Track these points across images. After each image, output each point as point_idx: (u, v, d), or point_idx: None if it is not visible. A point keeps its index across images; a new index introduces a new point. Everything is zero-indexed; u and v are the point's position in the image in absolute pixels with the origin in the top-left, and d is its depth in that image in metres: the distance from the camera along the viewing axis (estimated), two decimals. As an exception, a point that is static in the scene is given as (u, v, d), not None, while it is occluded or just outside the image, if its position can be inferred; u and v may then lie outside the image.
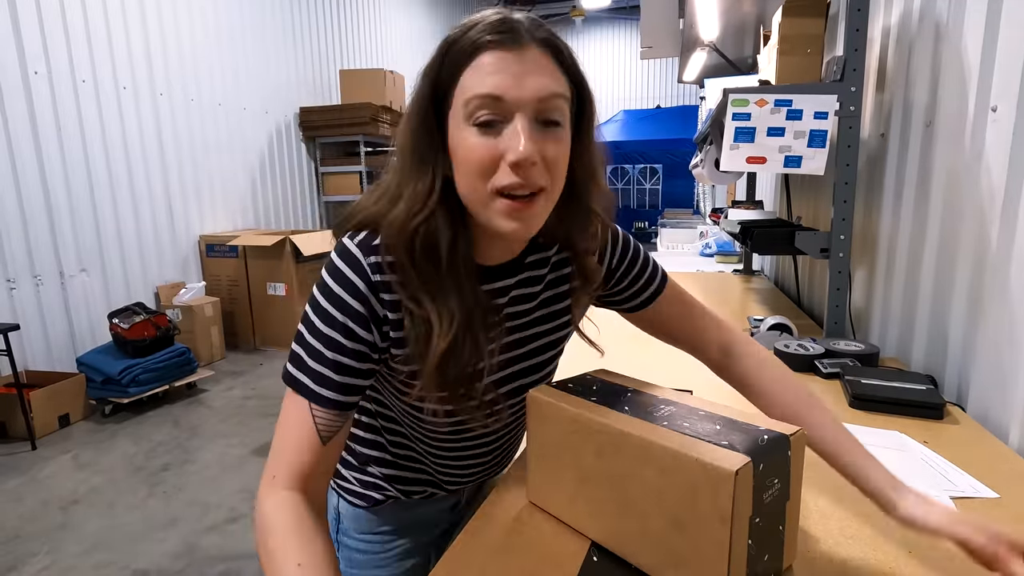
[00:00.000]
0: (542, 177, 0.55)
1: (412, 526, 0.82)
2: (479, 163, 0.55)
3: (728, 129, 1.30)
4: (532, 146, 0.53)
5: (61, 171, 3.35)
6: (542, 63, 0.55)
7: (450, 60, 0.56)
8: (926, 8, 1.26)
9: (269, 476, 0.59)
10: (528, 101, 0.54)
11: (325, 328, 0.59)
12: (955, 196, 1.12)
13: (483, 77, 0.54)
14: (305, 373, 0.59)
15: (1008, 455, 0.85)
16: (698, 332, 0.79)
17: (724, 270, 2.88)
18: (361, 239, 0.61)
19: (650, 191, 10.41)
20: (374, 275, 0.59)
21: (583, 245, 0.69)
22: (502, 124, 0.55)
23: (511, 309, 0.69)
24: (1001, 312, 0.97)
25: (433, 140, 0.58)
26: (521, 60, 0.54)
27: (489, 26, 0.55)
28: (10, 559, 1.97)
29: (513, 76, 0.54)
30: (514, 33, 0.54)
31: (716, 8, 2.43)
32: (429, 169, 0.58)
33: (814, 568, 0.60)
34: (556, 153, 0.56)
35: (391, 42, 7.47)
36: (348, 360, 0.59)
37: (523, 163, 0.53)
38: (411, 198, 0.58)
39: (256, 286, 4.37)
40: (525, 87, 0.54)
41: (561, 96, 0.56)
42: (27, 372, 3.10)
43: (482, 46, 0.54)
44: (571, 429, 0.61)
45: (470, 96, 0.54)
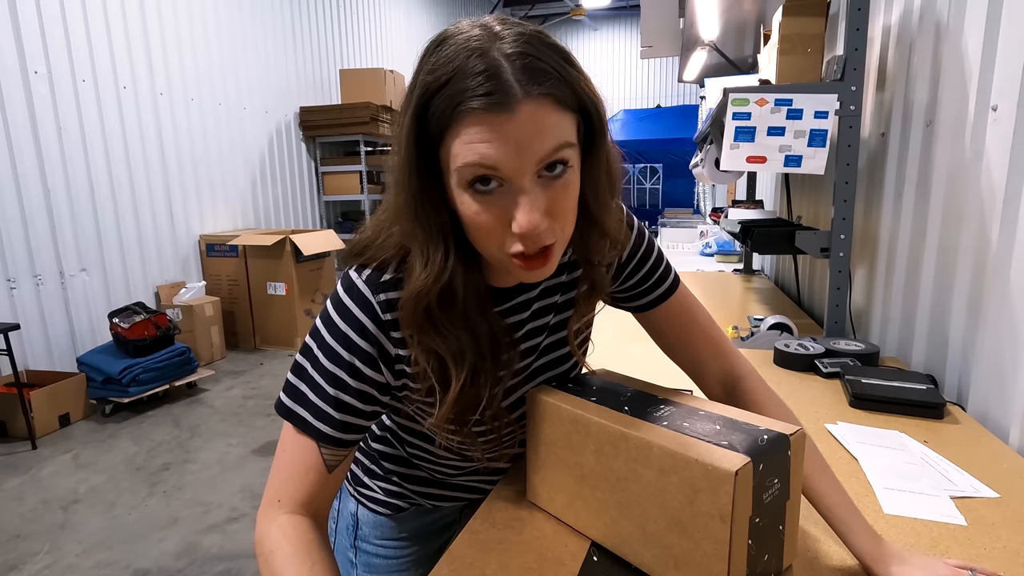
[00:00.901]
0: (549, 235, 0.52)
1: (429, 531, 0.82)
2: (486, 232, 0.51)
3: (728, 128, 1.30)
4: (537, 216, 0.49)
5: (61, 171, 3.35)
6: (538, 119, 0.47)
7: (433, 115, 0.49)
8: (926, 7, 1.26)
9: (273, 499, 0.58)
10: (526, 167, 0.48)
11: (330, 365, 0.57)
12: (955, 195, 1.12)
13: (472, 145, 0.47)
14: (305, 407, 0.58)
15: (1008, 455, 0.85)
16: (699, 357, 0.74)
17: (724, 270, 2.88)
18: (369, 274, 0.58)
19: (650, 191, 10.41)
20: (384, 314, 0.57)
21: (597, 258, 0.65)
22: (500, 188, 0.50)
23: (533, 324, 0.67)
24: (1001, 311, 0.97)
25: (434, 203, 0.53)
26: (515, 123, 0.47)
27: (473, 84, 0.46)
28: (11, 558, 1.97)
29: (507, 143, 0.47)
30: (502, 93, 0.46)
31: (716, 7, 2.43)
32: (439, 235, 0.54)
33: (814, 568, 0.60)
34: (564, 202, 0.52)
35: (391, 42, 7.47)
36: (350, 399, 0.58)
37: (528, 234, 0.50)
38: (426, 269, 0.54)
39: (256, 286, 4.37)
40: (522, 153, 0.48)
41: (564, 145, 0.50)
42: (27, 372, 3.10)
43: (466, 112, 0.47)
44: (571, 429, 0.61)
45: (461, 165, 0.49)
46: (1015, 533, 0.66)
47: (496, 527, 0.66)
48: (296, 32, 5.53)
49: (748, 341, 1.47)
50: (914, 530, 0.67)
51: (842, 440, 0.89)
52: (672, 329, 0.74)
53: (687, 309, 0.74)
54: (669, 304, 0.73)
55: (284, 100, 5.34)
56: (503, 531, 0.66)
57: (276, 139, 5.24)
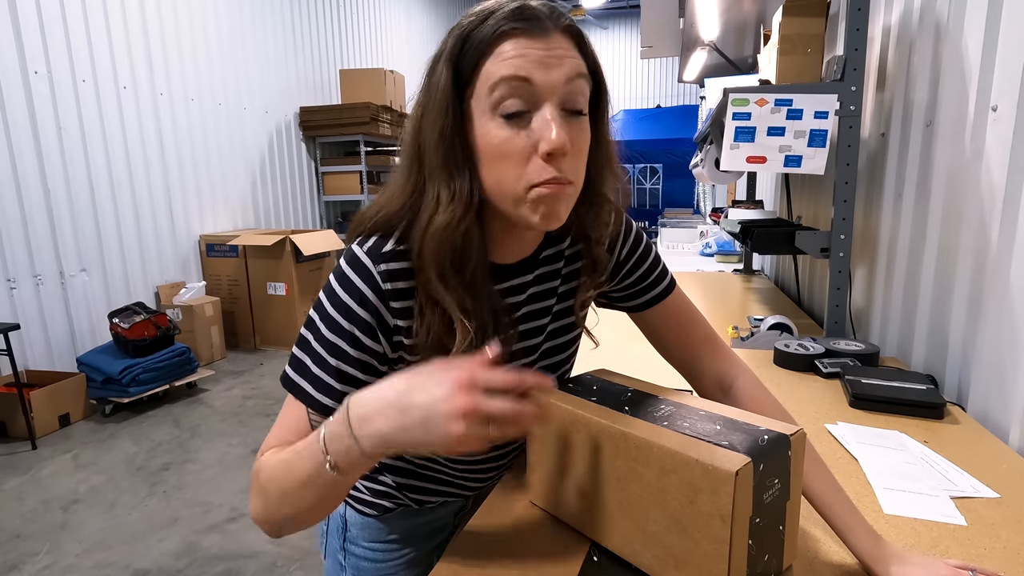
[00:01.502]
0: (570, 170, 0.54)
1: (420, 533, 0.82)
2: (509, 157, 0.53)
3: (728, 128, 1.30)
4: (565, 134, 0.52)
5: (61, 171, 3.35)
6: (566, 47, 0.54)
7: (470, 48, 0.53)
8: (926, 7, 1.26)
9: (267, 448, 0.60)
10: (557, 86, 0.52)
11: (331, 335, 0.58)
12: (955, 196, 1.12)
13: (508, 60, 0.52)
14: (307, 379, 0.59)
15: (1008, 455, 0.85)
16: (695, 357, 0.75)
17: (724, 270, 2.88)
18: (371, 245, 0.59)
19: (650, 191, 10.40)
20: (385, 283, 0.58)
21: (596, 234, 0.67)
22: (529, 114, 0.53)
23: (529, 308, 0.68)
24: (1001, 312, 0.97)
25: (463, 135, 0.55)
26: (547, 46, 0.53)
27: (509, 13, 0.53)
28: (11, 558, 1.97)
29: (540, 60, 0.52)
30: (537, 20, 0.53)
31: (716, 8, 2.43)
32: (465, 168, 0.55)
33: (814, 568, 0.60)
34: (581, 142, 0.55)
35: (391, 42, 7.47)
36: (351, 369, 0.58)
37: (556, 152, 0.52)
38: (452, 201, 0.55)
39: (256, 286, 4.37)
40: (553, 71, 0.52)
41: (585, 76, 0.55)
42: (27, 372, 3.10)
43: (505, 33, 0.52)
44: (571, 429, 0.61)
45: (496, 80, 0.52)
46: (1015, 533, 0.66)
47: (496, 527, 0.66)
48: (296, 32, 5.53)
49: (748, 341, 1.47)
50: (914, 530, 0.67)
51: (842, 440, 0.89)
52: (669, 329, 0.76)
53: (683, 310, 0.76)
54: (666, 304, 0.75)
55: (284, 100, 5.34)
56: (503, 531, 0.66)
57: (276, 139, 5.24)
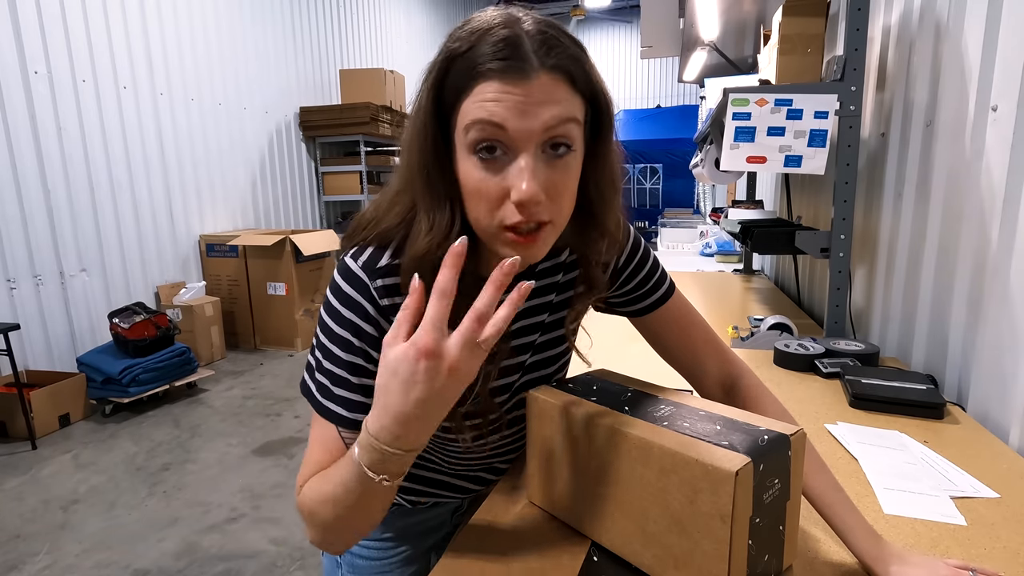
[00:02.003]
0: (546, 212, 0.52)
1: (415, 532, 0.82)
2: (483, 198, 0.52)
3: (728, 128, 1.30)
4: (536, 185, 0.50)
5: (61, 171, 3.35)
6: (551, 91, 0.50)
7: (452, 77, 0.52)
8: (926, 7, 1.26)
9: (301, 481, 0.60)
10: (534, 133, 0.50)
11: (347, 356, 0.59)
12: (955, 195, 1.12)
13: (484, 103, 0.49)
14: (335, 402, 0.59)
15: (1008, 455, 0.85)
16: (697, 359, 0.75)
17: (724, 270, 2.88)
18: (366, 259, 0.59)
19: (650, 191, 10.40)
20: (382, 299, 0.58)
21: (594, 256, 0.66)
22: (505, 156, 0.51)
23: (525, 322, 0.68)
24: (1001, 312, 0.97)
25: (443, 163, 0.55)
26: (527, 90, 0.49)
27: (492, 49, 0.49)
28: (11, 559, 1.97)
29: (517, 106, 0.49)
30: (520, 60, 0.49)
31: (716, 8, 2.43)
32: (445, 199, 0.55)
33: (814, 568, 0.60)
34: (563, 183, 0.53)
35: (391, 42, 7.47)
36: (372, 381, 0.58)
37: (527, 204, 0.50)
38: (431, 232, 0.55)
39: (256, 286, 4.37)
40: (529, 118, 0.49)
41: (571, 120, 0.51)
42: (27, 372, 3.10)
43: (483, 74, 0.49)
44: (571, 429, 0.61)
45: (470, 121, 0.50)
46: (1015, 533, 0.66)
47: (496, 527, 0.66)
48: (296, 32, 5.53)
49: (748, 341, 1.47)
50: (914, 530, 0.67)
51: (842, 440, 0.89)
52: (670, 333, 0.76)
53: (684, 313, 0.76)
54: (666, 308, 0.75)
55: (284, 100, 5.34)
56: (503, 531, 0.66)
57: (276, 139, 5.24)
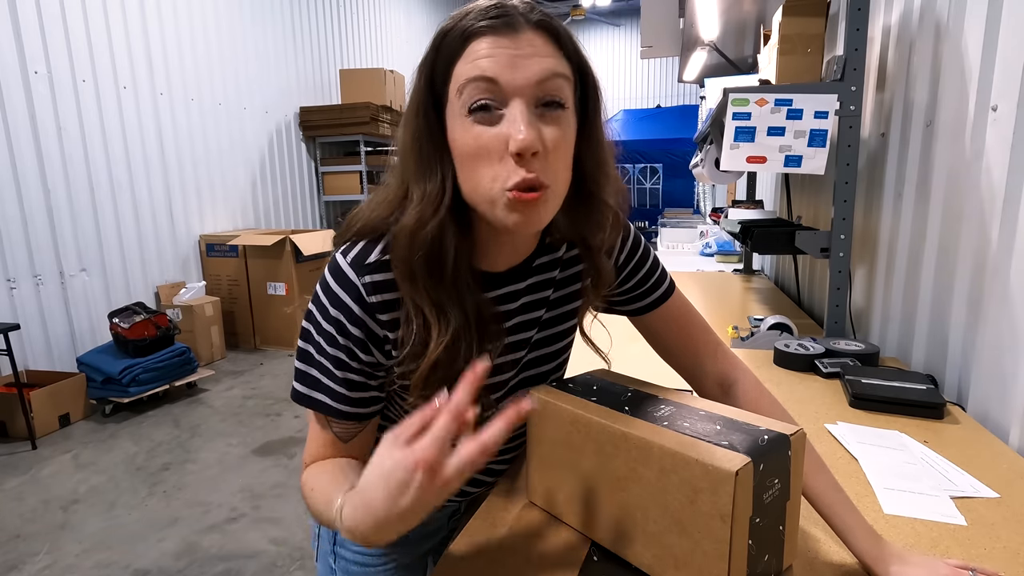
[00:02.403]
0: (544, 174, 0.51)
1: (412, 537, 0.80)
2: (480, 156, 0.52)
3: (728, 128, 1.30)
4: (533, 132, 0.50)
5: (61, 171, 3.35)
6: (539, 45, 0.52)
7: (444, 51, 0.53)
8: (926, 7, 1.26)
9: (307, 463, 0.63)
10: (525, 85, 0.51)
11: (331, 349, 0.59)
12: (955, 195, 1.12)
13: (476, 62, 0.51)
14: (321, 391, 0.60)
15: (1008, 455, 0.85)
16: (696, 359, 0.75)
17: (724, 270, 2.88)
18: (355, 256, 0.58)
19: (650, 191, 10.39)
20: (370, 296, 0.58)
21: (597, 241, 0.65)
22: (499, 111, 0.51)
23: (522, 317, 0.67)
24: (1001, 312, 0.97)
25: (436, 137, 0.55)
26: (516, 43, 0.51)
27: (481, 12, 0.52)
28: (11, 559, 1.97)
29: (508, 59, 0.50)
30: (507, 17, 0.51)
31: (716, 8, 2.43)
32: (437, 169, 0.55)
33: (814, 568, 0.60)
34: (559, 139, 0.52)
35: (391, 42, 7.47)
36: (358, 377, 0.60)
37: (524, 152, 0.50)
38: (422, 202, 0.55)
39: (256, 286, 4.37)
40: (520, 69, 0.50)
41: (561, 75, 0.52)
42: (27, 372, 3.10)
43: (474, 33, 0.51)
44: (571, 429, 0.61)
45: (463, 81, 0.51)
46: (1015, 533, 0.66)
47: (496, 527, 0.66)
48: (296, 32, 5.53)
49: (748, 341, 1.47)
50: (914, 530, 0.67)
51: (842, 440, 0.89)
52: (670, 332, 0.75)
53: (684, 312, 0.75)
54: (666, 307, 0.74)
55: (284, 100, 5.33)
56: (503, 531, 0.66)
57: (276, 139, 5.23)
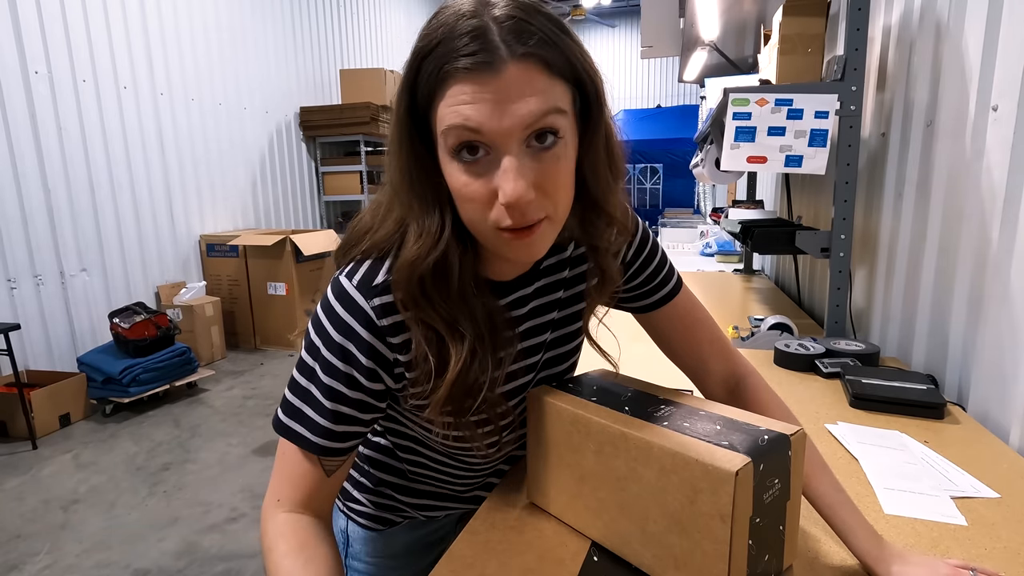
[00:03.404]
0: (540, 209, 0.49)
1: (423, 543, 0.80)
2: (472, 201, 0.49)
3: (729, 128, 1.30)
4: (523, 185, 0.47)
5: (61, 171, 3.35)
6: (525, 81, 0.46)
7: (423, 80, 0.48)
8: (927, 7, 1.26)
9: (273, 498, 0.58)
10: (511, 132, 0.46)
11: (327, 379, 0.56)
12: (956, 195, 1.12)
13: (457, 108, 0.46)
14: (302, 423, 0.57)
15: (1009, 455, 0.85)
16: (701, 358, 0.74)
17: (724, 269, 2.88)
18: (361, 278, 0.56)
19: (651, 191, 10.40)
20: (380, 320, 0.55)
21: (602, 243, 0.63)
22: (489, 156, 0.48)
23: (533, 321, 0.66)
24: (1002, 312, 0.96)
25: (428, 170, 0.52)
26: (499, 86, 0.45)
27: (459, 44, 0.46)
28: (11, 558, 1.97)
29: (491, 105, 0.45)
30: (488, 52, 0.45)
31: (716, 8, 2.43)
32: (434, 203, 0.53)
33: (814, 568, 0.59)
34: (555, 175, 0.49)
35: (391, 42, 7.48)
36: (348, 410, 0.57)
37: (515, 205, 0.47)
38: (420, 238, 0.53)
39: (257, 286, 4.37)
40: (506, 116, 0.46)
41: (552, 111, 0.47)
42: (28, 372, 3.10)
43: (451, 74, 0.46)
44: (571, 429, 0.61)
45: (446, 127, 0.47)
46: (1015, 533, 0.66)
47: (496, 527, 0.66)
48: (296, 32, 5.53)
49: (748, 341, 1.47)
50: (914, 530, 0.67)
51: (842, 440, 0.89)
52: (676, 330, 0.74)
53: (691, 310, 0.73)
54: (673, 304, 0.72)
55: (284, 100, 5.34)
56: (503, 531, 0.66)
57: (276, 139, 5.24)
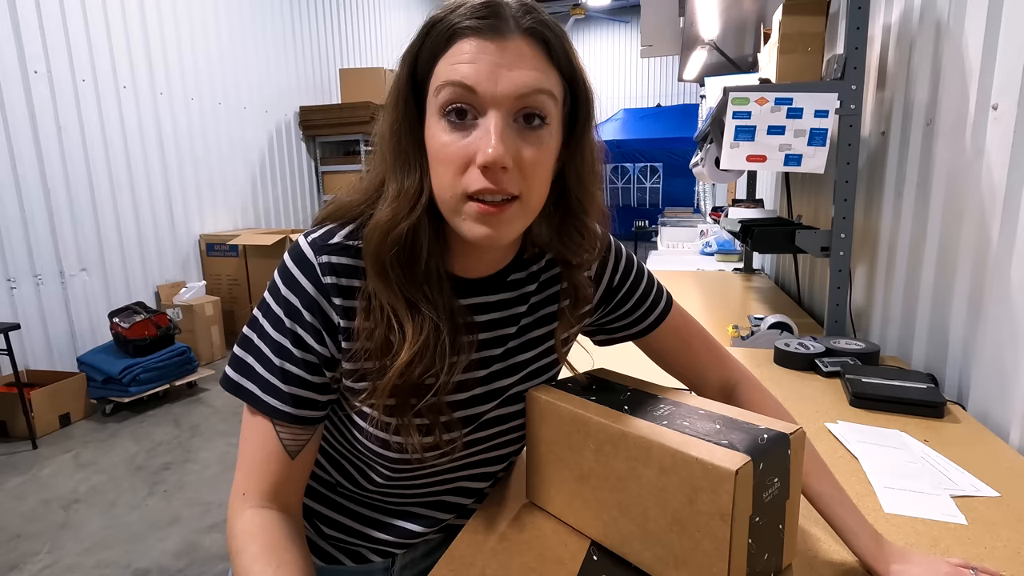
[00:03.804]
0: (514, 184, 0.49)
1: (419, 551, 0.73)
2: (448, 162, 0.49)
3: (728, 127, 1.30)
4: (503, 148, 0.47)
5: (61, 171, 3.35)
6: (526, 55, 0.49)
7: (429, 42, 0.51)
8: (927, 6, 1.25)
9: (239, 492, 0.56)
10: (504, 97, 0.48)
11: (275, 334, 0.55)
12: (956, 194, 1.12)
13: (456, 65, 0.48)
14: (252, 380, 0.56)
15: (1009, 454, 0.85)
16: (697, 370, 0.74)
17: (724, 269, 2.88)
18: (317, 236, 0.56)
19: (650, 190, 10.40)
20: (325, 277, 0.55)
21: (576, 259, 0.61)
22: (474, 119, 0.49)
23: (486, 334, 0.62)
24: (1002, 310, 0.96)
25: (414, 131, 0.53)
26: (502, 51, 0.48)
27: (471, 9, 0.49)
28: (11, 558, 1.97)
29: (490, 67, 0.48)
30: (497, 19, 0.48)
31: (716, 6, 2.43)
32: (415, 165, 0.53)
33: (814, 567, 0.59)
34: (535, 157, 0.50)
35: (391, 41, 7.47)
36: (296, 370, 0.55)
37: (491, 166, 0.48)
38: (397, 198, 0.53)
39: (256, 285, 4.36)
40: (502, 81, 0.48)
41: (545, 92, 0.50)
42: (28, 371, 3.10)
43: (460, 32, 0.49)
44: (571, 428, 0.61)
45: (441, 83, 0.49)
46: (1016, 532, 0.66)
47: (495, 527, 0.66)
48: (296, 32, 5.53)
49: (748, 340, 1.47)
50: (914, 529, 0.67)
51: (842, 439, 0.89)
52: (671, 348, 0.74)
53: (682, 325, 0.74)
54: (665, 325, 0.72)
55: (284, 100, 5.34)
56: (503, 531, 0.66)
57: (276, 139, 5.23)
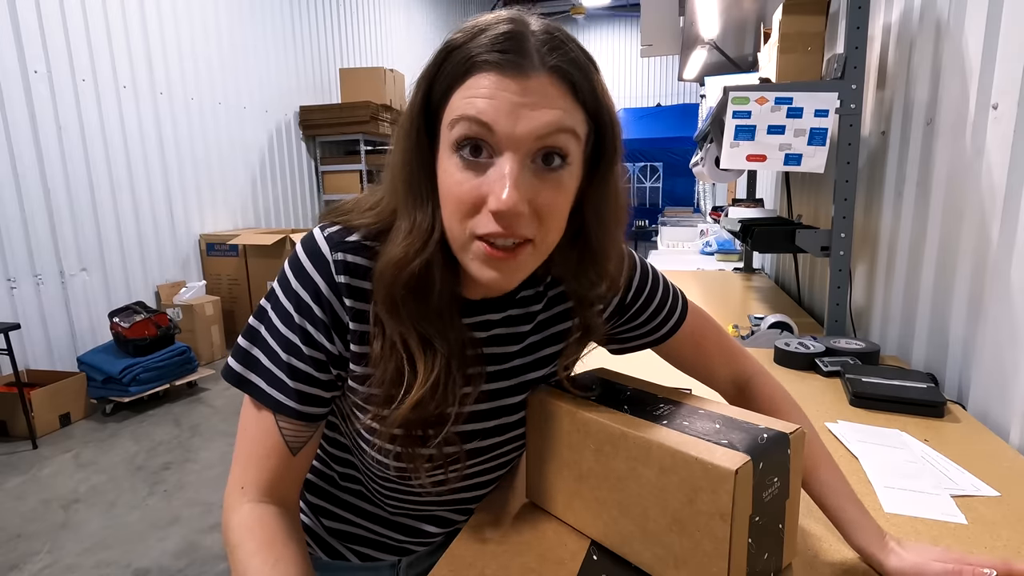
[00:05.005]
0: (529, 228, 0.47)
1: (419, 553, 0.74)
2: (459, 202, 0.47)
3: (728, 127, 1.30)
4: (517, 195, 0.44)
5: (61, 171, 3.35)
6: (550, 94, 0.45)
7: (446, 69, 0.47)
8: (927, 5, 1.25)
9: (236, 486, 0.55)
10: (523, 138, 0.45)
11: (283, 328, 0.54)
12: (956, 194, 1.12)
13: (473, 99, 0.45)
14: (257, 373, 0.55)
15: (1009, 453, 0.85)
16: (710, 369, 0.73)
17: (724, 268, 2.88)
18: (334, 231, 0.54)
19: (650, 189, 10.40)
20: (339, 275, 0.53)
21: (590, 296, 0.59)
22: (489, 159, 0.46)
23: (490, 350, 0.61)
24: (1002, 310, 0.96)
25: (427, 164, 0.50)
26: (523, 89, 0.44)
27: (492, 40, 0.45)
28: (11, 558, 1.98)
29: (510, 106, 0.44)
30: (520, 56, 0.45)
31: (716, 6, 2.43)
32: (427, 200, 0.51)
33: (814, 567, 0.59)
34: (552, 200, 0.47)
35: (391, 41, 7.47)
36: (305, 367, 0.54)
37: (505, 214, 0.45)
38: (410, 235, 0.51)
39: (256, 285, 4.37)
40: (521, 121, 0.44)
41: (567, 130, 0.46)
42: (28, 371, 3.10)
43: (479, 65, 0.45)
44: (570, 428, 0.61)
45: (456, 116, 0.46)
46: (1015, 532, 0.66)
47: (495, 527, 0.66)
48: (296, 32, 5.53)
49: (748, 340, 1.47)
50: (915, 529, 0.67)
51: (842, 439, 0.89)
52: (686, 352, 0.73)
53: (698, 327, 0.72)
54: (682, 331, 0.71)
55: (284, 99, 5.34)
56: (503, 531, 0.65)
57: (276, 138, 5.24)
